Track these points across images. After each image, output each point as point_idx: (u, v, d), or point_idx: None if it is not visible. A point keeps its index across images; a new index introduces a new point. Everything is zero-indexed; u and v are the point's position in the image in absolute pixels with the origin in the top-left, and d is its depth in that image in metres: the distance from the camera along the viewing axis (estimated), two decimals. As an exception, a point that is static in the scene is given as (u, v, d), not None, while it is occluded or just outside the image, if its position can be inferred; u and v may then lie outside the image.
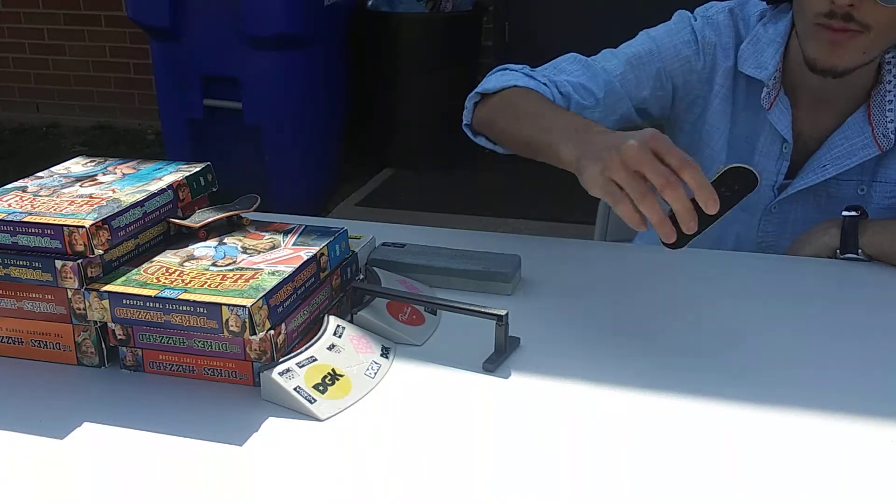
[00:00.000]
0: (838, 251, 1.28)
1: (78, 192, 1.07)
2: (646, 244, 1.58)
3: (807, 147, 1.40)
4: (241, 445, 0.88)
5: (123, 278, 0.99)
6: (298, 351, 0.97)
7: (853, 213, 1.29)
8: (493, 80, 1.36)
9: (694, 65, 1.44)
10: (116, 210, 1.02)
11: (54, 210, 1.02)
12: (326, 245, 1.06)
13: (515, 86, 1.33)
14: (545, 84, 1.35)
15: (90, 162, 1.20)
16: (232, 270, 1.00)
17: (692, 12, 1.47)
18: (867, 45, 1.25)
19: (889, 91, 1.34)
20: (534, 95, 1.31)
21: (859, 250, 1.27)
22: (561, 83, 1.37)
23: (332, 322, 1.03)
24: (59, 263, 0.98)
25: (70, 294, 0.99)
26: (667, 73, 1.44)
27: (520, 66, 1.41)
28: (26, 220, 0.99)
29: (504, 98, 1.33)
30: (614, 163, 0.96)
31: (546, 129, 1.17)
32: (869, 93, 1.35)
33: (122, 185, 1.10)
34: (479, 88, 1.37)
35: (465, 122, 1.40)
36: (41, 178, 1.13)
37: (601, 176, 0.98)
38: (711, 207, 0.94)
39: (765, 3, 1.43)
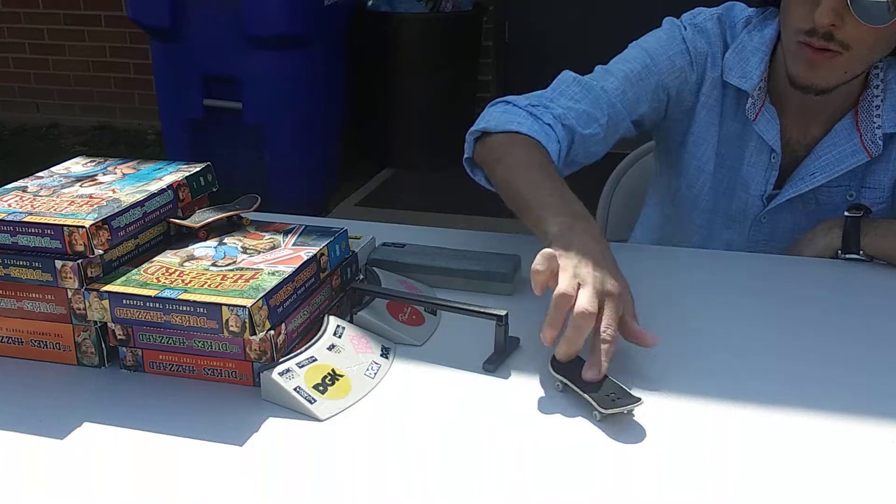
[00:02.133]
0: (840, 251, 1.28)
1: (78, 193, 1.07)
2: (646, 244, 1.58)
3: (795, 155, 1.39)
4: (241, 445, 0.88)
5: (123, 278, 0.99)
6: (298, 351, 0.97)
7: (855, 214, 1.28)
8: (496, 118, 1.30)
9: (688, 76, 1.41)
10: (116, 210, 1.02)
11: (54, 210, 1.02)
12: (326, 245, 1.07)
13: (518, 132, 1.27)
14: (549, 125, 1.30)
15: (90, 162, 1.20)
16: (232, 270, 1.00)
17: (678, 19, 1.44)
18: (848, 64, 1.24)
19: (876, 97, 1.32)
20: (534, 153, 1.24)
21: (861, 251, 1.26)
22: (564, 116, 1.32)
23: (332, 322, 1.03)
24: (59, 263, 0.98)
25: (70, 294, 0.99)
26: (663, 86, 1.41)
27: (523, 100, 1.33)
28: (26, 220, 0.99)
29: (504, 146, 1.27)
30: (570, 290, 0.95)
31: (539, 203, 1.12)
32: (857, 99, 1.34)
33: (122, 185, 1.10)
34: (480, 125, 1.31)
35: (465, 155, 1.33)
36: (41, 178, 1.13)
37: (559, 290, 0.96)
38: (590, 375, 0.92)
39: (750, 9, 1.41)
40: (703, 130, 1.43)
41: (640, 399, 0.90)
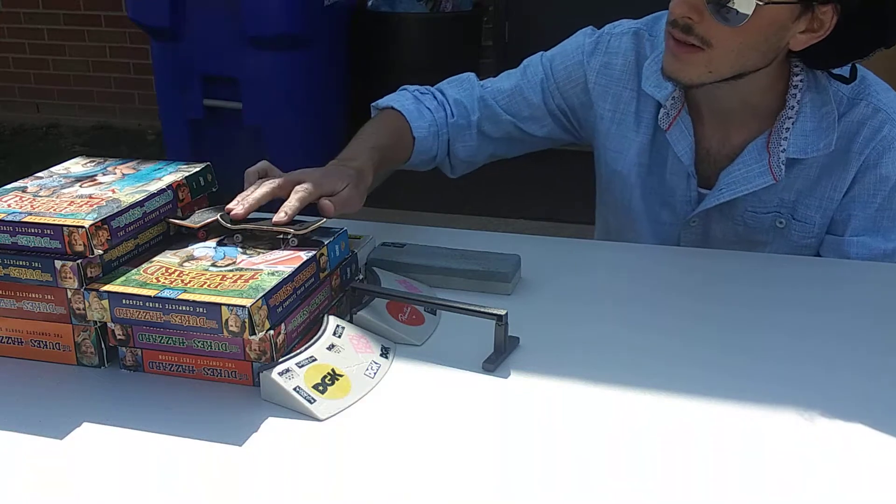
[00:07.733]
0: None
1: (78, 193, 1.07)
2: (645, 244, 1.58)
3: (718, 163, 1.36)
4: (240, 445, 0.88)
5: (123, 278, 0.99)
6: (298, 351, 0.97)
7: None
8: (385, 98, 1.47)
9: (585, 91, 1.43)
10: (116, 210, 1.02)
11: (54, 210, 1.02)
12: (326, 245, 1.07)
13: (391, 107, 1.43)
14: (429, 109, 1.45)
15: (90, 162, 1.20)
16: (231, 271, 1.00)
17: (596, 33, 1.46)
18: (710, 62, 1.21)
19: (789, 118, 1.28)
20: (385, 118, 1.43)
21: None
22: (450, 99, 1.48)
23: (332, 322, 1.03)
24: (58, 263, 0.98)
25: (70, 294, 0.99)
26: (560, 98, 1.45)
27: (415, 87, 1.49)
28: (26, 220, 0.99)
29: (374, 118, 1.45)
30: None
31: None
32: (774, 118, 1.30)
33: (122, 186, 1.10)
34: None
35: None
36: (41, 178, 1.13)
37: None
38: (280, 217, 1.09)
39: None
40: (618, 144, 1.43)
41: (322, 219, 1.10)
